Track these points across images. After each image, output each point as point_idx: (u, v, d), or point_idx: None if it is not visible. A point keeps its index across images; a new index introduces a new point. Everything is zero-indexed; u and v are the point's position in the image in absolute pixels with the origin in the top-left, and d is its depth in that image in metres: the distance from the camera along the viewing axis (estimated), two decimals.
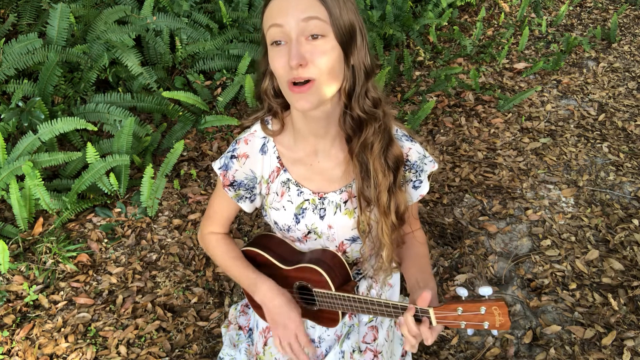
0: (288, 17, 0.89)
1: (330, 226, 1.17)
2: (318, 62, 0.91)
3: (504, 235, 2.49)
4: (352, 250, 1.23)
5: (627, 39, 4.36)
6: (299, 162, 1.14)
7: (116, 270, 2.32)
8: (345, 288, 1.18)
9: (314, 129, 1.07)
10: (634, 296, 2.16)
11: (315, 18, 0.89)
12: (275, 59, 0.93)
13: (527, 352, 1.98)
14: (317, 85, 0.92)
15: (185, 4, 3.32)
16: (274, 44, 0.93)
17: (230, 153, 1.16)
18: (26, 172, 2.26)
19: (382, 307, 1.08)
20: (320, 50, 0.91)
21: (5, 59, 2.66)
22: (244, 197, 1.19)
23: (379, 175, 1.06)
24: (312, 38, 0.90)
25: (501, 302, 0.93)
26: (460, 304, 0.97)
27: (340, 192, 1.14)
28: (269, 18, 0.93)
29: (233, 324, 1.55)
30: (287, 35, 0.90)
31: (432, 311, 0.99)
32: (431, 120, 3.32)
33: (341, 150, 1.12)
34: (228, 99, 3.21)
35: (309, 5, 0.90)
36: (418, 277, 1.14)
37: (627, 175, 2.84)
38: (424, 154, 1.16)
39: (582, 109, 3.44)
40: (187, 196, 2.70)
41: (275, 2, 0.92)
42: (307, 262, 1.17)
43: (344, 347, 1.25)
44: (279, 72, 0.94)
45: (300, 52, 0.89)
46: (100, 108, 2.74)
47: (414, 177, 1.16)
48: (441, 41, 4.26)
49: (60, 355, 1.98)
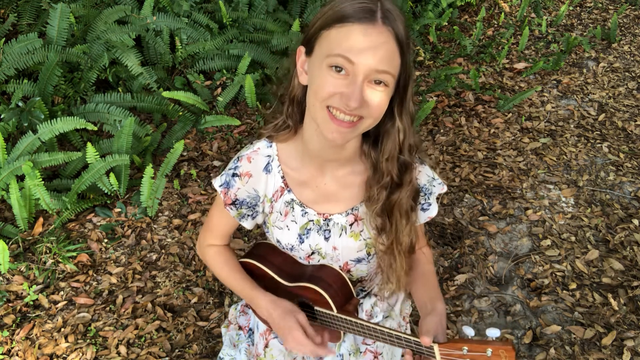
0: (363, 59, 0.85)
1: (335, 247, 1.15)
2: (372, 106, 0.89)
3: (504, 235, 2.49)
4: (357, 270, 1.21)
5: (627, 39, 4.36)
6: (304, 184, 1.11)
7: (116, 270, 2.32)
8: (347, 307, 1.15)
9: (326, 152, 1.05)
10: (634, 296, 2.16)
11: (389, 74, 0.88)
12: (327, 83, 0.88)
13: (527, 352, 1.98)
14: (359, 124, 0.92)
15: (185, 4, 3.32)
16: (333, 68, 0.88)
17: (232, 171, 1.11)
18: (26, 172, 2.26)
19: (384, 335, 1.05)
20: (379, 97, 0.89)
21: (5, 59, 2.66)
22: (246, 215, 1.15)
23: (404, 221, 1.06)
24: (375, 82, 0.88)
25: (509, 347, 0.91)
26: (466, 343, 0.95)
27: (346, 214, 1.12)
28: (341, 44, 0.86)
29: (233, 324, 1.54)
30: (354, 72, 0.86)
31: (436, 347, 0.98)
32: (431, 120, 3.32)
33: (349, 173, 1.10)
34: (228, 99, 3.21)
35: (389, 58, 0.87)
36: (425, 298, 1.12)
37: (627, 175, 2.84)
38: (433, 177, 1.14)
39: (582, 109, 3.44)
40: (187, 196, 2.70)
41: (357, 34, 0.86)
42: (308, 281, 1.15)
43: (342, 350, 1.25)
44: (323, 96, 0.89)
45: (362, 97, 0.87)
46: (100, 108, 2.74)
47: (423, 200, 1.14)
48: (441, 41, 4.26)
49: (60, 355, 1.98)
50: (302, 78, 0.98)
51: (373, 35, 0.86)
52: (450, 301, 2.19)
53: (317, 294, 1.13)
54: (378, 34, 0.86)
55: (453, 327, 2.09)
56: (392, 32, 0.87)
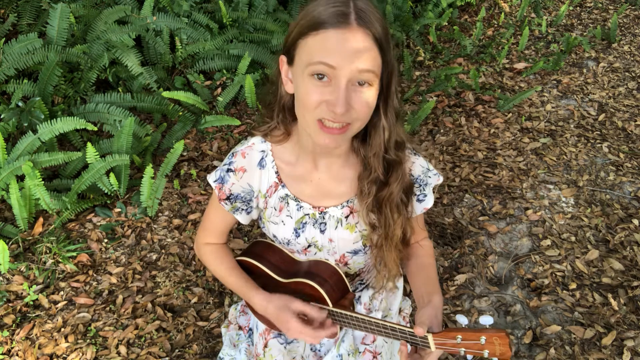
0: (343, 62, 0.84)
1: (331, 240, 1.16)
2: (359, 109, 0.89)
3: (504, 235, 2.49)
4: (355, 262, 1.22)
5: (627, 39, 4.36)
6: (299, 179, 1.12)
7: (116, 270, 2.32)
8: (343, 302, 1.16)
9: (321, 150, 1.05)
10: (634, 296, 2.16)
11: (371, 72, 0.87)
12: (312, 93, 0.88)
13: (527, 352, 1.98)
14: (349, 129, 0.92)
15: (185, 4, 3.32)
16: (315, 76, 0.87)
17: (226, 166, 1.12)
18: (26, 172, 2.26)
19: (379, 328, 1.06)
20: (364, 98, 0.89)
21: (5, 59, 2.66)
22: (241, 209, 1.17)
23: (395, 215, 1.06)
24: (359, 84, 0.88)
25: (502, 333, 0.92)
26: (460, 332, 0.96)
27: (341, 207, 1.13)
28: (319, 51, 0.86)
29: (233, 324, 1.54)
30: (336, 77, 0.86)
31: (430, 337, 0.99)
32: (431, 120, 3.32)
33: (343, 167, 1.11)
34: (228, 99, 3.21)
35: (369, 57, 0.86)
36: (423, 291, 1.12)
37: (627, 175, 2.84)
38: (428, 167, 1.15)
39: (582, 109, 3.44)
40: (187, 196, 2.70)
41: (332, 37, 0.85)
42: (303, 276, 1.16)
43: (341, 351, 1.25)
44: (310, 107, 0.89)
45: (347, 102, 0.86)
46: (100, 108, 2.74)
47: (418, 191, 1.15)
48: (441, 41, 4.26)
49: (60, 355, 1.98)
50: (288, 87, 0.98)
51: (349, 38, 0.85)
52: (450, 301, 2.19)
53: (312, 289, 1.14)
54: (354, 36, 0.85)
55: (452, 326, 2.09)
56: (369, 31, 0.87)
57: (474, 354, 0.97)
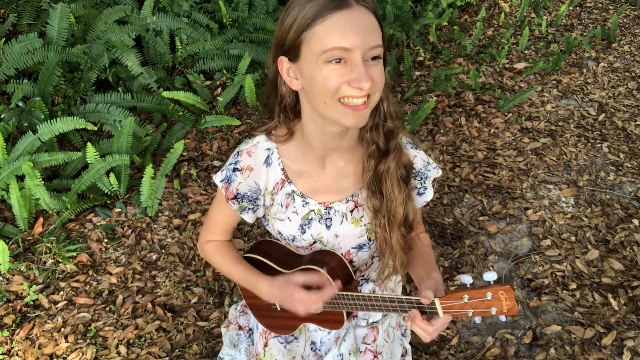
0: (356, 42, 0.89)
1: (337, 235, 1.17)
2: (378, 81, 0.94)
3: (504, 235, 2.49)
4: (359, 258, 1.22)
5: (627, 39, 4.36)
6: (304, 175, 1.13)
7: (116, 270, 2.32)
8: (349, 287, 1.17)
9: (329, 143, 1.07)
10: (634, 296, 2.16)
11: (380, 46, 0.93)
12: (332, 77, 0.91)
13: (527, 352, 1.98)
14: (370, 101, 0.95)
15: (185, 4, 3.32)
16: (332, 62, 0.90)
17: (232, 165, 1.13)
18: (26, 172, 2.26)
19: (386, 303, 1.08)
20: (379, 71, 0.94)
21: (5, 59, 2.66)
22: (247, 208, 1.17)
23: (395, 191, 1.08)
24: (371, 59, 0.93)
25: (507, 286, 0.93)
26: (466, 291, 0.96)
27: (346, 201, 1.14)
28: (331, 37, 0.89)
29: (233, 324, 1.54)
30: (351, 58, 0.90)
31: (437, 302, 0.99)
32: (431, 120, 3.32)
33: (348, 161, 1.12)
34: (228, 99, 3.21)
35: (375, 32, 0.92)
36: (422, 272, 1.14)
37: (627, 175, 2.84)
38: (428, 161, 1.17)
39: (582, 109, 3.44)
40: (187, 196, 2.70)
41: (339, 19, 0.89)
42: (308, 263, 1.17)
43: (342, 350, 1.26)
44: (332, 90, 0.92)
45: (369, 75, 0.90)
46: (100, 108, 2.74)
47: (419, 184, 1.17)
48: (441, 41, 4.27)
49: (60, 355, 1.98)
50: (294, 84, 0.99)
51: (355, 17, 0.90)
52: None
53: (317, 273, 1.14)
54: (358, 15, 0.90)
55: (452, 326, 2.09)
56: (368, 7, 0.92)
57: (481, 313, 0.97)
